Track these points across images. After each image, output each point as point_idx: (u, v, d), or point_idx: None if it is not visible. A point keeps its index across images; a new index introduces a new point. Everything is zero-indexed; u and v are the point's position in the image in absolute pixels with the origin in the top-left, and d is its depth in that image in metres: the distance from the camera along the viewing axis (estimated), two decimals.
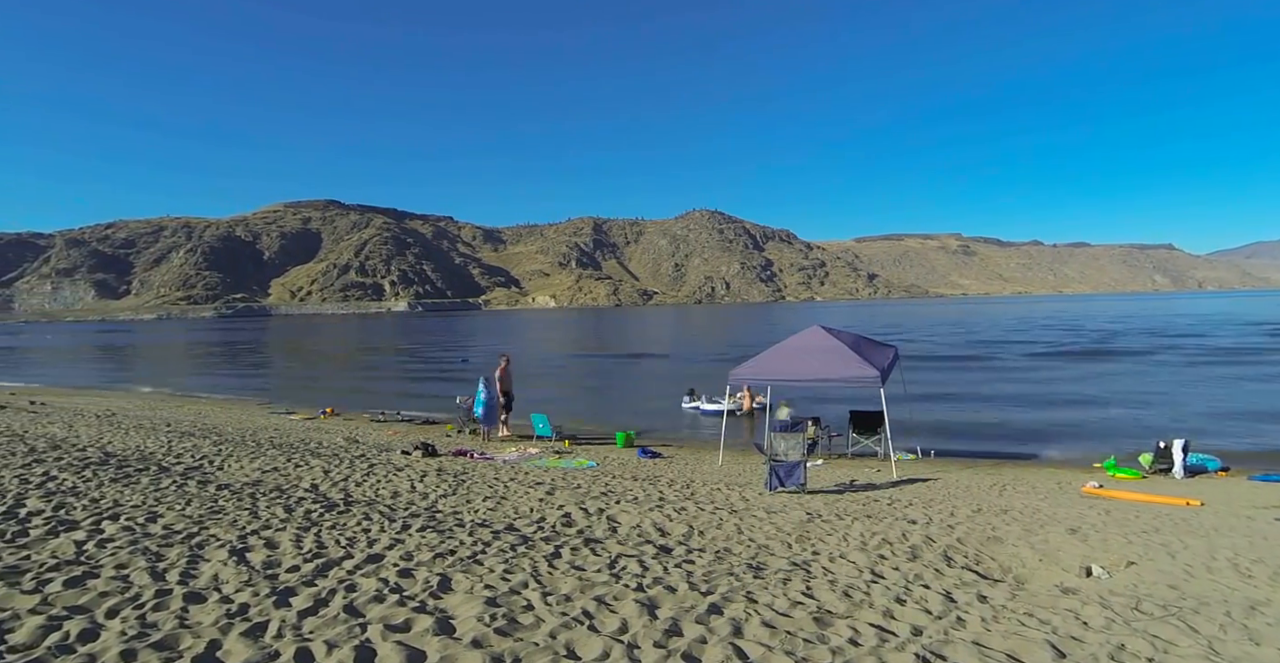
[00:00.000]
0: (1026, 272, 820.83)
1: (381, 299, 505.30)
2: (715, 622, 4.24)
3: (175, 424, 16.08)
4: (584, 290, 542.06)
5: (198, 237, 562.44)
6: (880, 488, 11.31)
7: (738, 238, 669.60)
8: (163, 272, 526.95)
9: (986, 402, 23.50)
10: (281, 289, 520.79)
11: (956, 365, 35.89)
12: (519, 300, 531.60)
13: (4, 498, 6.68)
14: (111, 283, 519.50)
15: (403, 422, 20.52)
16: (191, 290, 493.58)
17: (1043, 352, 42.54)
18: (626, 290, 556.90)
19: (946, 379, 29.19)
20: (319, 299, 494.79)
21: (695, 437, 17.84)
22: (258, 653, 3.58)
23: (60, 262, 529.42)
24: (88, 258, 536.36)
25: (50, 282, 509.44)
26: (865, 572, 5.60)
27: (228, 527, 5.99)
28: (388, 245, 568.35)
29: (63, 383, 37.43)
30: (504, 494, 8.72)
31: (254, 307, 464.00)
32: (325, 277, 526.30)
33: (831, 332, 13.92)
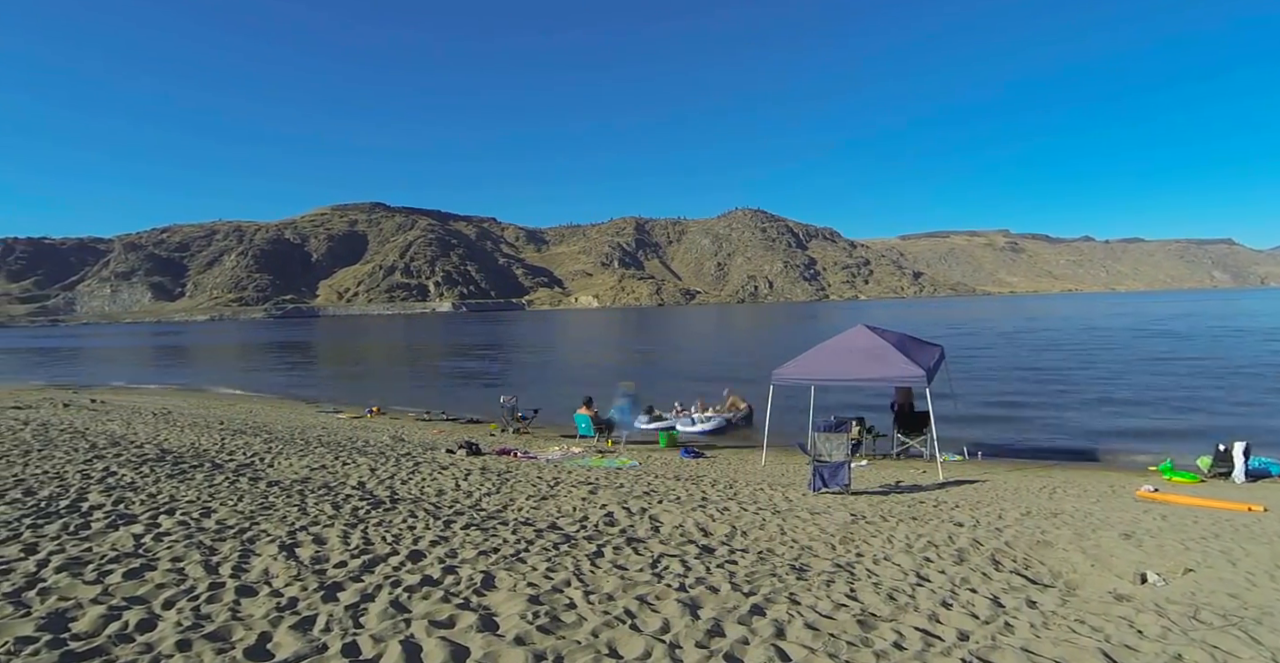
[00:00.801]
0: (1077, 269, 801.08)
1: (426, 300, 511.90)
2: (758, 623, 4.22)
3: (228, 422, 16.49)
4: (626, 290, 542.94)
5: (248, 240, 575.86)
6: (926, 490, 11.14)
7: (780, 236, 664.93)
8: (215, 274, 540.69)
9: (1036, 402, 23.00)
10: (329, 291, 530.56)
11: (1004, 365, 35.17)
12: (562, 301, 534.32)
13: (68, 492, 6.96)
14: (167, 285, 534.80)
15: (447, 421, 20.78)
16: (243, 292, 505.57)
17: (1094, 350, 41.50)
18: (669, 290, 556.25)
19: (995, 379, 28.64)
20: (365, 300, 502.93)
21: (738, 437, 17.77)
22: (306, 646, 3.66)
23: (119, 265, 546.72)
24: (144, 261, 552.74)
25: (110, 285, 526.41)
26: (910, 575, 5.52)
27: (278, 523, 6.14)
28: (432, 247, 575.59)
29: (121, 382, 38.65)
30: (547, 493, 8.78)
31: (302, 308, 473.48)
32: (371, 278, 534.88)
33: (876, 331, 13.75)
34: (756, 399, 18.51)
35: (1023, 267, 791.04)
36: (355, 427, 18.11)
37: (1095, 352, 40.95)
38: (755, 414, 17.51)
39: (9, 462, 8.74)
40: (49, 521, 5.85)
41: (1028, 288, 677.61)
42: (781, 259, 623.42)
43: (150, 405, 21.33)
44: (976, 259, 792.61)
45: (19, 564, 4.71)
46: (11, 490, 6.95)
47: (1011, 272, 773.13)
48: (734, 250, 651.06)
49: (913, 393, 14.75)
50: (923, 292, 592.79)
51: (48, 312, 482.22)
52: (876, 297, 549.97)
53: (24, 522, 5.77)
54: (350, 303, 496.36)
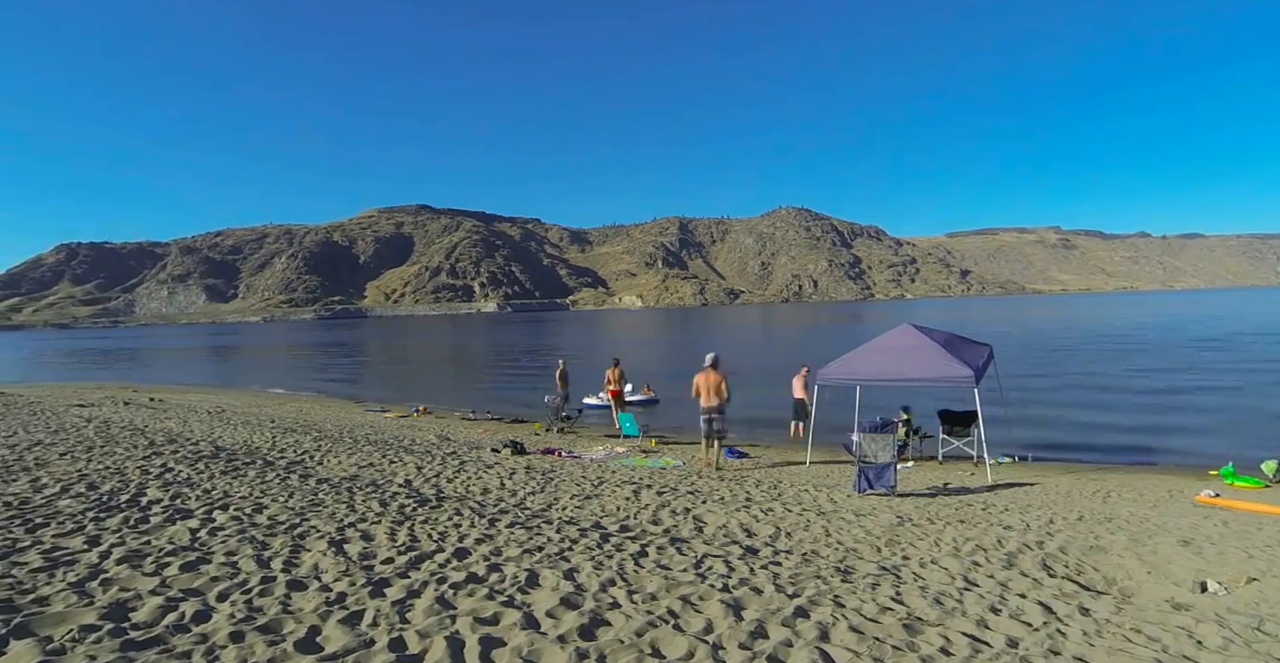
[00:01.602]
0: (1132, 266, 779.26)
1: (471, 300, 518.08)
2: (801, 625, 4.19)
3: (279, 421, 16.87)
4: (670, 290, 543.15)
5: (298, 243, 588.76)
6: (974, 492, 10.95)
7: (825, 235, 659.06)
8: (266, 276, 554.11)
9: (1090, 403, 22.43)
10: (376, 292, 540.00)
11: (1057, 365, 34.36)
12: (606, 301, 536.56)
13: (128, 487, 7.20)
14: (220, 288, 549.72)
15: (492, 420, 20.98)
16: (293, 294, 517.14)
17: (1151, 350, 40.32)
18: (712, 290, 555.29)
19: (1047, 379, 28.00)
20: (412, 301, 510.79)
21: (783, 437, 17.64)
22: (354, 640, 3.73)
23: (175, 268, 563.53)
24: (199, 264, 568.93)
25: (167, 287, 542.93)
26: (958, 579, 5.42)
27: (327, 519, 6.26)
28: (477, 248, 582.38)
29: (178, 381, 39.79)
30: (591, 493, 8.82)
31: (350, 309, 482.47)
32: (417, 279, 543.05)
33: (923, 330, 13.54)
34: None
35: (1075, 264, 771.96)
36: (402, 426, 18.39)
37: (1152, 351, 39.79)
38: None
39: (73, 457, 9.06)
40: (110, 514, 6.06)
41: (1080, 286, 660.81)
42: (826, 258, 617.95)
43: (205, 404, 21.93)
44: (1026, 257, 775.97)
45: (82, 556, 4.90)
46: (76, 485, 7.22)
47: (1063, 269, 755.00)
48: (778, 249, 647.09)
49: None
50: (970, 290, 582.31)
51: (109, 313, 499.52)
52: (923, 295, 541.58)
53: (87, 515, 5.99)
54: (397, 304, 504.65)
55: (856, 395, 14.79)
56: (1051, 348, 44.78)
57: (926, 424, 15.69)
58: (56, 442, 10.61)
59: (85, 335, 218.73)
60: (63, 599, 4.10)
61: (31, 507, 6.24)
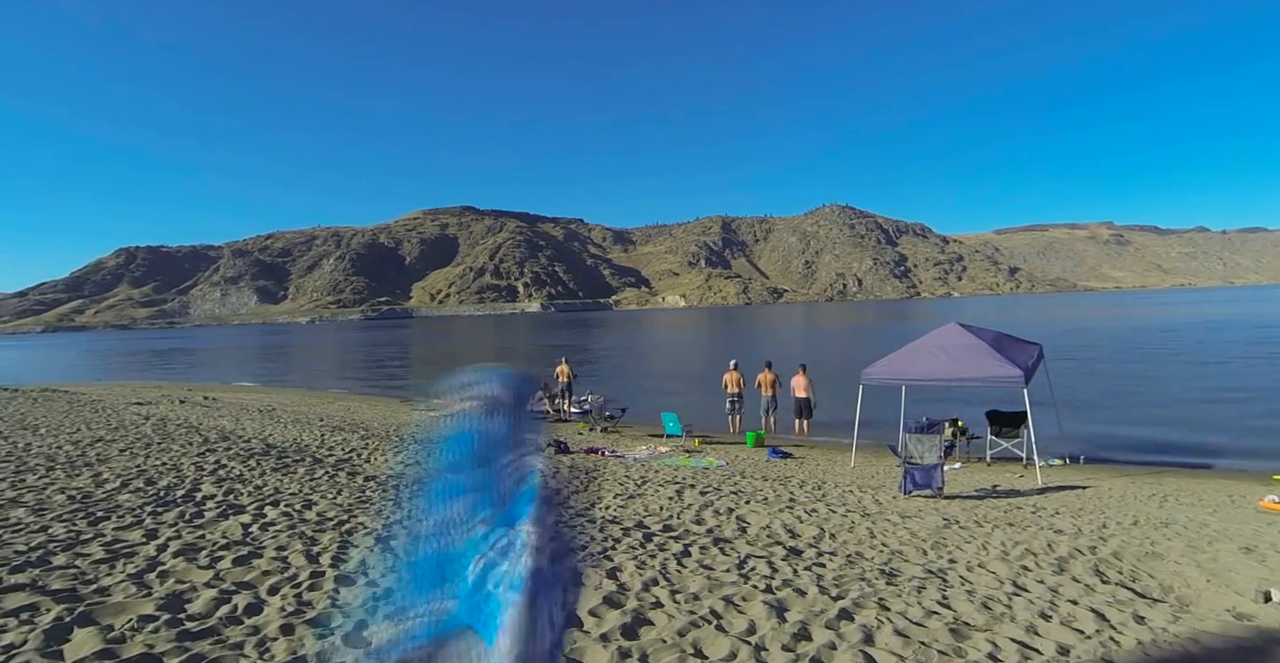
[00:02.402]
0: (1190, 262, 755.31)
1: (515, 301, 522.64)
2: (845, 628, 4.15)
3: (327, 419, 17.20)
4: (713, 289, 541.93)
5: (345, 244, 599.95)
6: (1024, 495, 10.72)
7: (869, 233, 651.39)
8: (315, 278, 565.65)
9: (1145, 404, 21.80)
10: (422, 292, 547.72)
11: (1110, 364, 33.47)
12: (649, 300, 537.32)
13: (183, 483, 7.43)
14: (271, 289, 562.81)
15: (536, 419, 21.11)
16: (340, 295, 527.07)
17: (1211, 349, 39.04)
18: (756, 289, 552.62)
19: (1098, 379, 27.30)
20: (456, 301, 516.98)
21: (827, 437, 17.49)
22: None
23: (228, 270, 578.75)
24: (251, 267, 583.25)
25: (220, 289, 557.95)
26: (1006, 583, 5.32)
27: (374, 516, 6.37)
28: (521, 248, 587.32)
29: (230, 380, 40.82)
30: (634, 492, 8.83)
31: (396, 309, 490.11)
32: (462, 280, 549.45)
33: (970, 329, 13.30)
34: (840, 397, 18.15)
35: (1129, 260, 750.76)
36: None
37: (1211, 349, 38.54)
38: (846, 415, 17.22)
39: (132, 454, 9.36)
40: (167, 509, 6.24)
41: (1135, 283, 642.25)
42: (870, 256, 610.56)
43: (256, 403, 22.45)
44: (1078, 253, 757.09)
45: (141, 548, 5.07)
46: (135, 480, 7.46)
47: (1116, 266, 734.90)
48: (822, 248, 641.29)
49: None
50: (1019, 288, 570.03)
51: (165, 315, 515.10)
52: (970, 294, 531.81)
53: (145, 509, 6.18)
54: (442, 304, 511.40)
55: (902, 396, 14.59)
56: (1104, 347, 43.63)
57: (974, 425, 15.42)
58: (117, 438, 10.97)
59: (143, 336, 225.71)
60: (122, 590, 4.24)
61: (94, 501, 6.47)
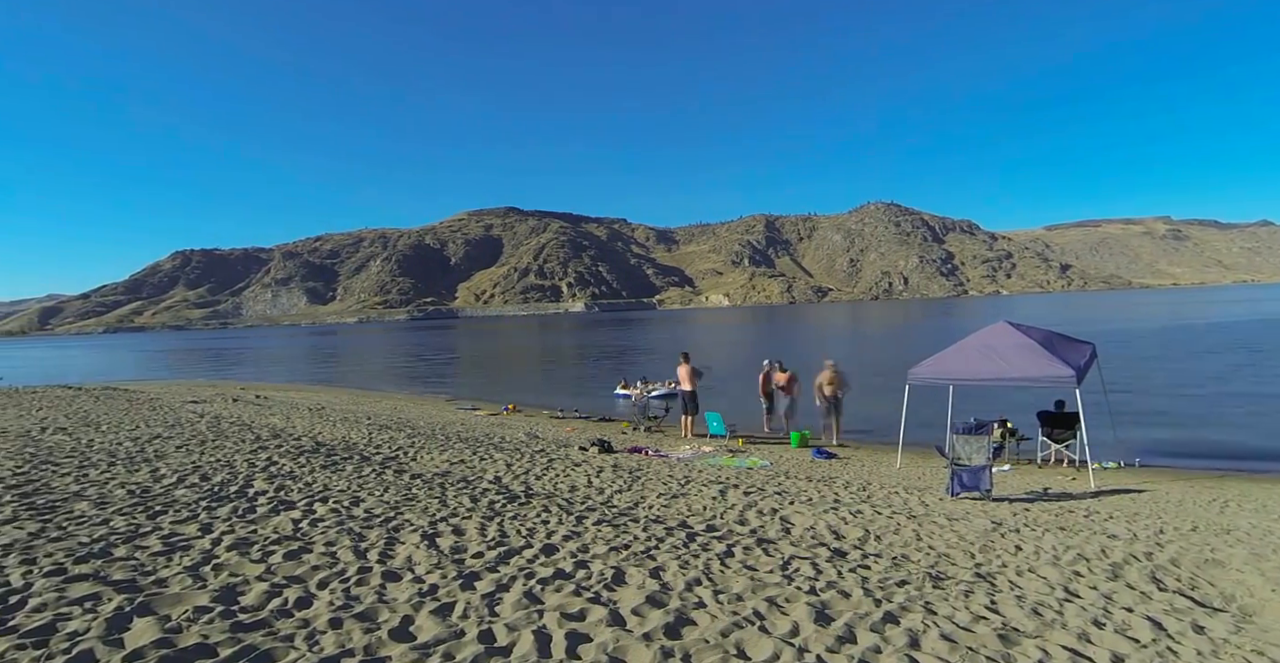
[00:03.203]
0: (1253, 257, 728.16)
1: (559, 300, 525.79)
2: (890, 631, 4.09)
3: (375, 418, 17.49)
4: (757, 288, 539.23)
5: (392, 246, 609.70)
6: (1076, 498, 10.46)
7: (915, 230, 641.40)
8: (362, 279, 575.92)
9: (1205, 405, 21.12)
10: (467, 293, 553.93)
11: (1167, 363, 32.48)
12: (692, 300, 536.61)
13: (236, 479, 7.62)
14: (320, 290, 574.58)
15: (580, 418, 21.22)
16: (387, 295, 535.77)
17: (1274, 348, 37.63)
18: (800, 288, 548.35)
19: (1155, 379, 26.52)
20: (501, 302, 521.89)
21: (872, 438, 17.28)
22: (445, 631, 3.84)
23: (278, 272, 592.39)
24: (300, 268, 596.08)
25: (271, 290, 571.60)
26: (1057, 589, 5.19)
27: (420, 513, 6.46)
28: (564, 248, 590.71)
29: (280, 380, 41.75)
30: (678, 492, 8.82)
31: (442, 310, 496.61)
32: (506, 280, 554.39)
33: (1020, 327, 13.00)
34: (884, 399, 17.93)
35: (1187, 256, 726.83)
36: (492, 424, 18.80)
37: (1277, 349, 37.16)
38: (892, 415, 17.00)
39: (188, 450, 9.63)
40: (221, 504, 6.41)
41: (1193, 280, 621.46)
42: (917, 254, 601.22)
43: (306, 401, 22.93)
44: (1133, 249, 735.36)
45: (196, 542, 5.21)
46: (190, 476, 7.68)
47: (1174, 262, 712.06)
48: (866, 246, 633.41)
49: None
50: (1071, 285, 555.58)
51: (219, 315, 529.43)
52: (1020, 291, 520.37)
53: (201, 504, 6.36)
54: (487, 304, 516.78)
55: (949, 396, 14.35)
56: (1161, 346, 42.35)
57: (1024, 427, 15.09)
58: (173, 435, 11.30)
59: (198, 336, 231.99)
60: (179, 582, 4.37)
61: (152, 495, 6.67)
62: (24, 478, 7.42)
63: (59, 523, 5.63)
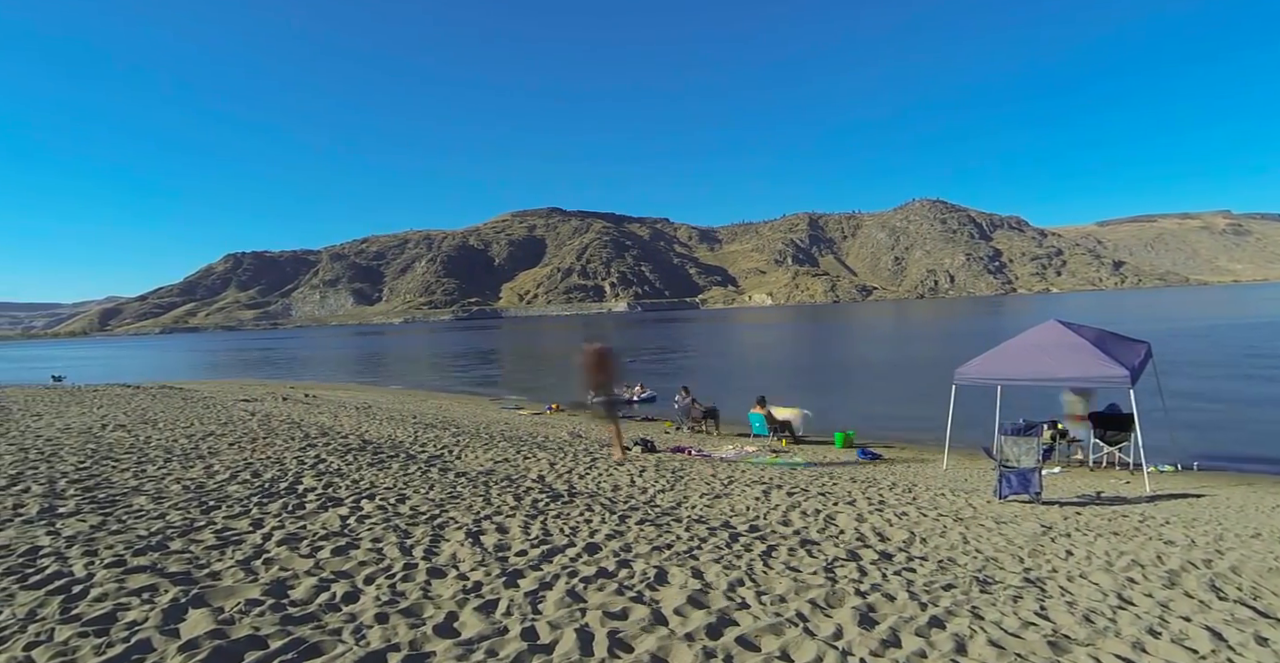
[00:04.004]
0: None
1: (602, 300, 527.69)
2: (936, 636, 4.02)
3: (420, 417, 17.73)
4: (800, 287, 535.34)
5: (437, 247, 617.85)
6: (1130, 502, 10.19)
7: (962, 227, 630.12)
8: (408, 280, 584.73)
9: (1267, 406, 20.40)
10: (510, 293, 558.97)
11: (1226, 364, 31.44)
12: (735, 299, 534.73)
13: (286, 475, 7.80)
14: (366, 291, 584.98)
15: (623, 418, 21.28)
16: (432, 296, 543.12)
17: None
18: (844, 286, 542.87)
19: (1214, 380, 25.68)
20: (544, 302, 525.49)
21: (918, 439, 17.05)
22: (489, 628, 3.87)
23: (326, 274, 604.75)
24: (347, 270, 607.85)
25: (319, 291, 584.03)
26: (1110, 595, 5.05)
27: (464, 511, 6.53)
28: (607, 248, 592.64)
29: (328, 379, 42.54)
30: (720, 492, 8.79)
31: (486, 310, 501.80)
32: (550, 280, 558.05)
33: (1070, 326, 12.68)
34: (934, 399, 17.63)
35: (1249, 251, 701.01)
36: (535, 423, 18.95)
37: None
38: (938, 416, 16.73)
39: (240, 447, 9.88)
40: (272, 500, 6.56)
41: (1255, 276, 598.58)
42: (963, 251, 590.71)
43: (353, 400, 23.33)
44: (1190, 244, 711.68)
45: (248, 537, 5.35)
46: (242, 473, 7.87)
47: (1234, 257, 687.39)
48: (912, 243, 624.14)
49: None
50: (1125, 283, 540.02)
51: (269, 316, 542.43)
52: (1071, 289, 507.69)
53: (252, 500, 6.52)
54: (530, 304, 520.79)
55: (997, 397, 14.09)
56: (1221, 344, 41.00)
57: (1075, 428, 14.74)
58: (226, 433, 11.60)
59: (249, 337, 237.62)
60: (231, 575, 4.48)
61: (206, 491, 6.86)
62: (86, 473, 7.69)
63: (119, 516, 5.82)
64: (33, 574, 4.40)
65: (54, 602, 3.97)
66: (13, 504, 6.20)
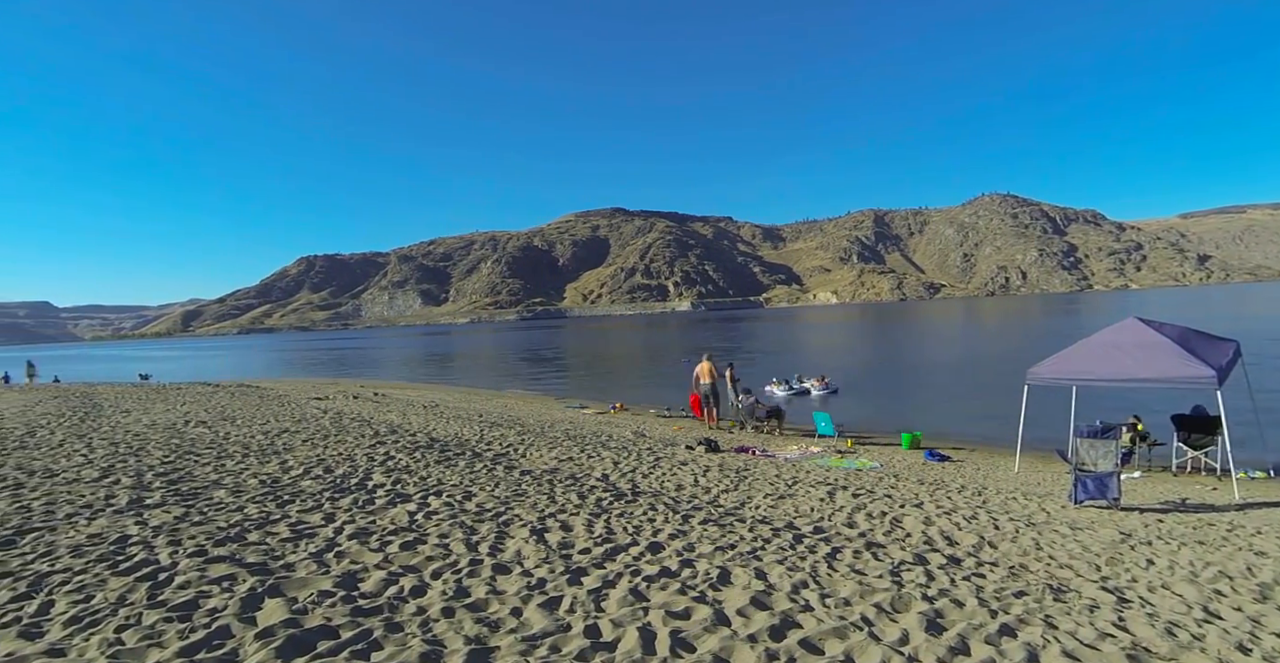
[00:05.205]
0: None
1: (666, 300, 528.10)
2: (1007, 645, 3.90)
3: (486, 415, 18.00)
4: (866, 285, 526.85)
5: (502, 248, 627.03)
6: (1218, 510, 9.73)
7: (1034, 222, 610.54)
8: (474, 281, 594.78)
9: None
10: (574, 293, 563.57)
11: None
12: (800, 298, 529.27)
13: (356, 472, 8.02)
14: (433, 292, 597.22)
15: (687, 418, 21.24)
16: (498, 296, 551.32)
17: None
18: (911, 284, 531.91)
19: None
20: (608, 301, 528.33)
21: (988, 440, 16.59)
22: (553, 624, 3.91)
23: (394, 275, 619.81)
24: (415, 271, 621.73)
25: (387, 293, 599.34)
26: (1195, 608, 4.83)
27: (529, 508, 6.61)
28: (670, 248, 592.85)
29: (397, 377, 43.56)
30: (785, 492, 8.71)
31: (551, 310, 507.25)
32: (613, 280, 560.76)
33: (1151, 324, 12.13)
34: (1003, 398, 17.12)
35: None
36: (599, 422, 19.05)
37: None
38: (1009, 417, 16.25)
39: (313, 444, 10.19)
40: (343, 495, 6.76)
41: None
42: (1036, 247, 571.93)
43: (420, 399, 23.84)
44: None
45: (320, 530, 5.52)
46: (315, 468, 8.12)
47: None
48: (981, 239, 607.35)
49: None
50: (1211, 278, 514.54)
51: (340, 317, 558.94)
52: (1151, 285, 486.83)
53: (324, 495, 6.72)
54: (594, 304, 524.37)
55: (1072, 397, 13.62)
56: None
57: (1157, 431, 14.14)
58: (299, 430, 11.98)
59: (321, 337, 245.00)
60: (305, 567, 4.64)
61: (281, 486, 7.10)
62: (171, 467, 8.04)
63: (200, 508, 6.08)
64: (123, 561, 4.65)
65: (142, 588, 4.19)
66: (105, 495, 6.53)
